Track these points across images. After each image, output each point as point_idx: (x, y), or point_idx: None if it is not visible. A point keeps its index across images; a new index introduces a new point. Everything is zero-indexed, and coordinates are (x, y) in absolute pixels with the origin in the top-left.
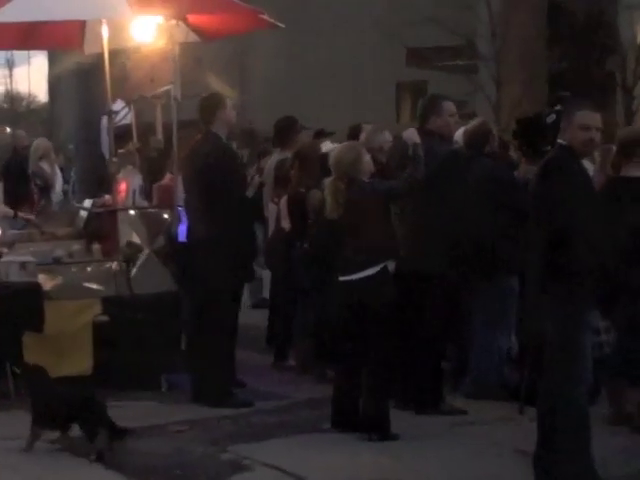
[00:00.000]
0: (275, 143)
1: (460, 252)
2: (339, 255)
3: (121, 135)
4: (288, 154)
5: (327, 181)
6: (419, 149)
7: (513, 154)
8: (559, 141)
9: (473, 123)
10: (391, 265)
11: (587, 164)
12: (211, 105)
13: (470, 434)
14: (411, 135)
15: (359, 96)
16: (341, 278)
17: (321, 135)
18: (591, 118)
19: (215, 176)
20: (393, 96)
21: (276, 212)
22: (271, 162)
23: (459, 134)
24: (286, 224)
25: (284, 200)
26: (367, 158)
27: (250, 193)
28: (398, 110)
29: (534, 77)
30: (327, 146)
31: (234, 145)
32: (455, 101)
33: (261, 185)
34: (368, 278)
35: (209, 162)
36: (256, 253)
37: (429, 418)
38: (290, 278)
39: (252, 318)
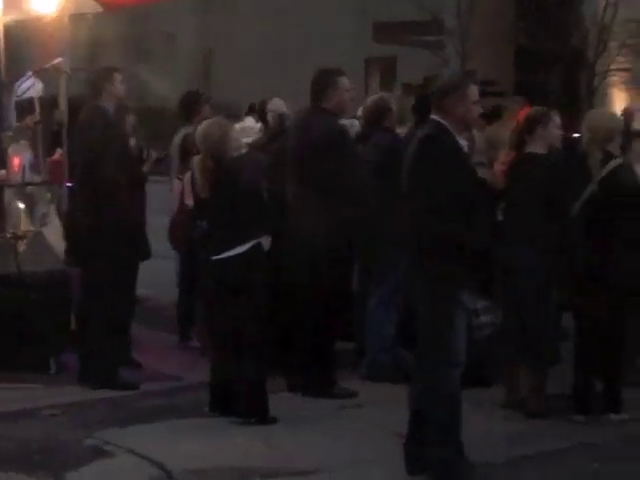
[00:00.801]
0: (180, 118)
1: (347, 230)
2: (211, 234)
3: (25, 109)
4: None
5: (195, 159)
6: (286, 120)
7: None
8: (433, 117)
9: (371, 98)
10: (266, 242)
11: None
12: (99, 79)
13: (356, 417)
14: (277, 106)
15: None
16: (212, 257)
17: (252, 110)
18: (477, 93)
19: (98, 150)
20: (362, 72)
21: (180, 189)
22: (177, 138)
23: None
24: (190, 201)
25: (188, 176)
26: (235, 135)
27: (146, 168)
28: (366, 86)
29: (500, 53)
30: (249, 122)
31: (132, 121)
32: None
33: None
34: (238, 256)
35: (92, 135)
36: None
37: (318, 401)
38: (191, 257)
39: (174, 297)
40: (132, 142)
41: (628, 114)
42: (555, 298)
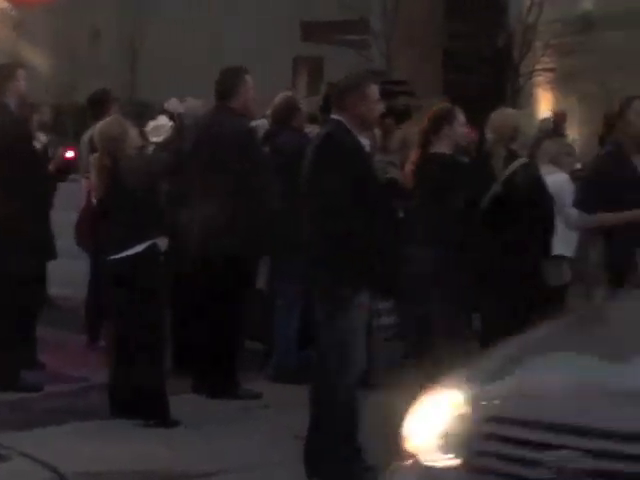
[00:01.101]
0: (89, 116)
1: (252, 230)
2: (108, 234)
3: None
4: None
5: (92, 158)
6: (182, 120)
7: None
8: (333, 116)
9: (279, 97)
10: (162, 242)
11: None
12: (1, 76)
13: (261, 419)
14: (174, 106)
15: (255, 72)
16: (109, 257)
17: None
18: (377, 92)
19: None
20: (290, 71)
21: (88, 187)
22: (85, 136)
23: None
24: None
25: None
26: (133, 133)
27: (52, 167)
28: (294, 86)
29: (427, 54)
30: (161, 120)
31: (43, 118)
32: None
33: None
34: (134, 256)
35: None
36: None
37: (223, 402)
38: (98, 256)
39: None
40: (42, 140)
41: (559, 116)
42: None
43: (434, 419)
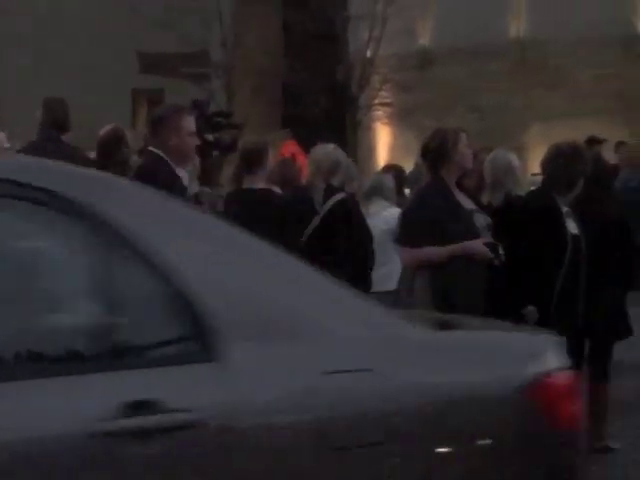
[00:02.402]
0: None
1: None
2: None
3: None
4: None
5: None
6: None
7: None
8: (150, 148)
9: (105, 129)
10: None
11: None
12: None
13: None
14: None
15: (94, 104)
16: None
17: None
18: (192, 124)
19: None
20: (129, 103)
21: None
22: None
23: None
24: None
25: None
26: None
27: None
28: (134, 118)
29: (267, 87)
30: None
31: None
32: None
33: None
34: None
35: None
36: None
37: None
38: None
39: None
40: None
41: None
42: None
43: None
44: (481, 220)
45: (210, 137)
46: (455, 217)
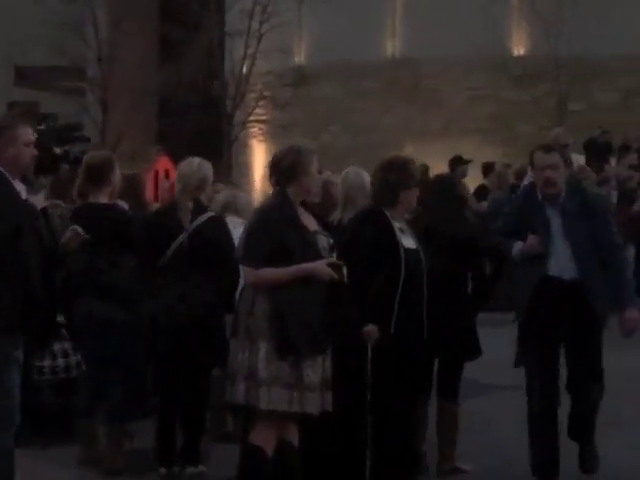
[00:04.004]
0: None
1: None
2: None
3: None
4: None
5: None
6: None
7: None
8: None
9: None
10: None
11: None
12: None
13: None
14: None
15: None
16: None
17: None
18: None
19: None
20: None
21: None
22: None
23: None
24: None
25: None
26: None
27: None
28: None
29: (142, 102)
30: None
31: None
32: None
33: None
34: None
35: None
36: None
37: None
38: None
39: None
40: None
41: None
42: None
43: None
44: (323, 241)
45: (58, 150)
46: (298, 237)
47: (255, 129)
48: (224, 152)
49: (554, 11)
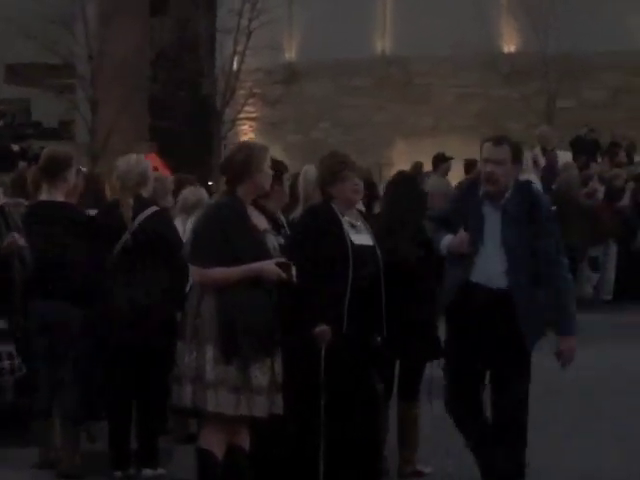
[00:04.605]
0: None
1: None
2: None
3: None
4: None
5: None
6: None
7: None
8: None
9: None
10: None
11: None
12: None
13: None
14: None
15: None
16: None
17: None
18: None
19: None
20: None
21: None
22: None
23: None
24: None
25: None
26: None
27: None
28: None
29: (133, 100)
30: None
31: None
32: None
33: None
34: None
35: None
36: None
37: None
38: None
39: None
40: None
41: None
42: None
43: None
44: (273, 241)
45: (16, 147)
46: (246, 237)
47: (245, 126)
48: (214, 149)
49: (543, 8)
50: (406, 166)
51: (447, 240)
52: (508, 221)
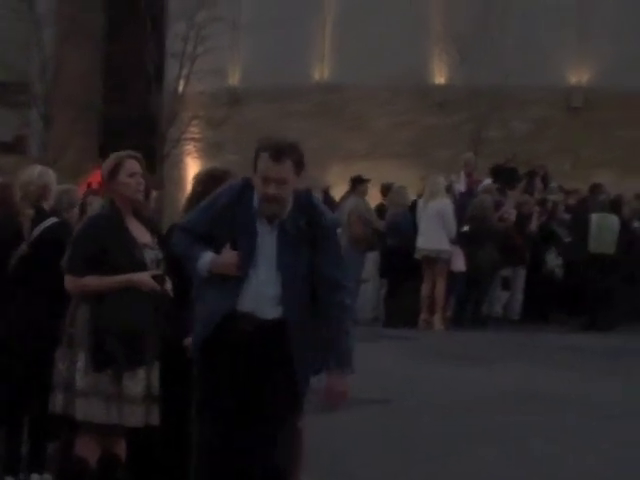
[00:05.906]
0: None
1: None
2: None
3: None
4: None
5: None
6: None
7: None
8: None
9: None
10: None
11: None
12: None
13: None
14: None
15: None
16: None
17: None
18: None
19: None
20: None
21: None
22: None
23: None
24: None
25: None
26: None
27: None
28: None
29: (84, 118)
30: None
31: None
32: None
33: None
34: None
35: None
36: None
37: None
38: None
39: None
40: None
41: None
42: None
43: None
44: (151, 254)
45: None
46: (123, 248)
47: (190, 147)
48: (156, 167)
49: (473, 41)
50: (342, 189)
51: (207, 258)
52: (285, 239)
